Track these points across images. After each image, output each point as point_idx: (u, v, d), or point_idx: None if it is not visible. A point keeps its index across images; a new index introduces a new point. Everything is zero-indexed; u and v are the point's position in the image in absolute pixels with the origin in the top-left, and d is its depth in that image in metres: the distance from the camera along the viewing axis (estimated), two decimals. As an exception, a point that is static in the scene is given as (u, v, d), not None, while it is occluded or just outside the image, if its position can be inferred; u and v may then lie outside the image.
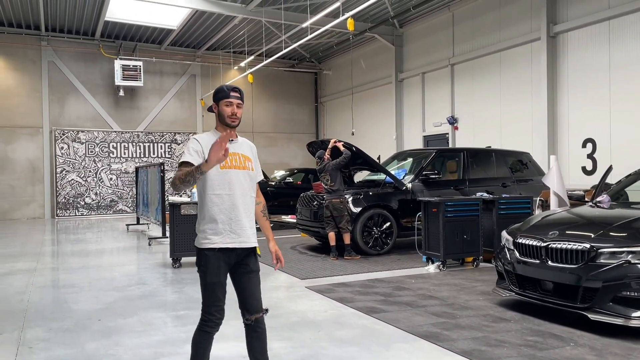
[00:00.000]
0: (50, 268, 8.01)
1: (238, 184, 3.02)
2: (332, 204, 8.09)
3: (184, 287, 6.41)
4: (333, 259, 8.10)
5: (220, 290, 3.01)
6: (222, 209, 2.98)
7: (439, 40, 15.23)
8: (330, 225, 8.17)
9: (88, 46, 18.05)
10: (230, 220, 2.98)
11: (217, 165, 2.87)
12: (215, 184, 2.98)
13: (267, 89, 21.09)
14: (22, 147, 17.22)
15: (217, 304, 3.01)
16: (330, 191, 8.15)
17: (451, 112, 14.71)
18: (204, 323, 3.03)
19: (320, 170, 8.32)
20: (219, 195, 2.98)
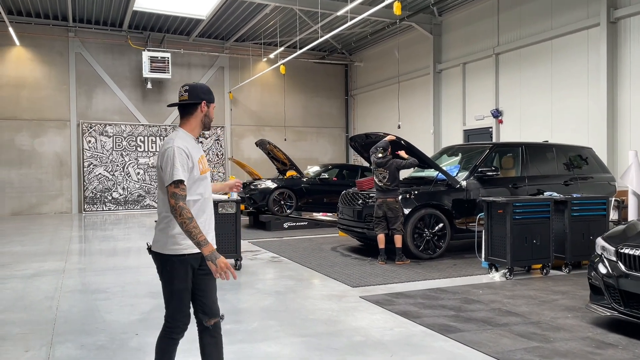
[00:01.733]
0: (80, 269, 7.52)
1: (209, 188, 3.01)
2: (387, 203, 7.40)
3: (225, 295, 5.81)
4: (381, 264, 7.43)
5: (187, 296, 2.91)
6: (197, 213, 2.87)
7: (482, 29, 14.36)
8: (380, 227, 7.49)
9: (115, 37, 17.65)
10: (200, 224, 2.84)
11: (198, 170, 2.87)
12: (193, 189, 2.85)
13: (295, 81, 20.45)
14: (49, 141, 16.92)
15: (184, 310, 2.92)
16: (386, 189, 7.45)
17: (495, 104, 13.85)
18: (171, 330, 2.94)
19: (379, 164, 7.54)
20: (195, 200, 2.87)
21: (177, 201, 2.71)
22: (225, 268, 2.72)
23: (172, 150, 2.78)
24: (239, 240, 7.27)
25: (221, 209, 7.22)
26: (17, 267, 7.65)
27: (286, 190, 12.07)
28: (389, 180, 7.45)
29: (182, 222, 2.69)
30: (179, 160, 2.76)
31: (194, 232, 2.69)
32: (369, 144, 8.69)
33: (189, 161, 2.81)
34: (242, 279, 6.69)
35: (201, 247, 2.71)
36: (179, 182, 2.74)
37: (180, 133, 2.92)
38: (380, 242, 7.49)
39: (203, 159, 2.97)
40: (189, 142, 2.88)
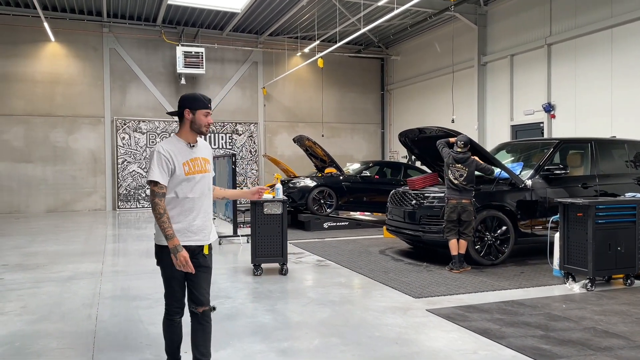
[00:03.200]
0: (117, 271, 7.13)
1: (199, 187, 3.24)
2: (463, 205, 6.77)
3: (275, 305, 5.30)
4: (455, 272, 6.77)
5: (176, 283, 3.28)
6: (182, 211, 3.19)
7: (532, 18, 13.52)
8: (453, 231, 6.86)
9: (149, 33, 17.38)
10: (188, 221, 3.20)
11: (183, 171, 3.18)
12: (178, 189, 3.19)
13: (329, 76, 19.87)
14: (83, 137, 16.77)
15: (175, 295, 3.30)
16: (462, 189, 6.81)
17: (547, 98, 13.01)
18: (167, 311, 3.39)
19: (459, 160, 6.89)
20: (181, 199, 3.19)
21: (154, 197, 3.12)
22: (183, 262, 3.09)
23: (153, 153, 3.17)
24: (285, 243, 6.76)
25: (266, 209, 6.72)
26: (52, 269, 7.31)
27: (326, 188, 11.53)
28: (466, 179, 6.80)
29: (155, 215, 3.10)
30: (156, 163, 3.13)
31: (163, 226, 3.08)
32: (422, 139, 8.09)
33: (169, 163, 3.14)
34: (290, 285, 6.17)
35: (167, 239, 3.08)
36: (154, 182, 3.11)
37: (171, 138, 3.28)
38: (454, 248, 6.84)
39: (195, 161, 3.23)
40: (176, 147, 3.21)
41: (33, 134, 16.17)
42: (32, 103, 16.16)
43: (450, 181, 6.87)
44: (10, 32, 15.81)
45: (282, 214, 6.74)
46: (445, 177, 6.97)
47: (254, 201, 6.75)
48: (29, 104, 16.13)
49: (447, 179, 6.92)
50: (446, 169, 6.96)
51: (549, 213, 7.32)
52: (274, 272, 6.94)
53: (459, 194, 6.78)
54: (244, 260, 7.94)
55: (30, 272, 7.14)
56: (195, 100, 3.29)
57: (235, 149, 18.52)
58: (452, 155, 6.95)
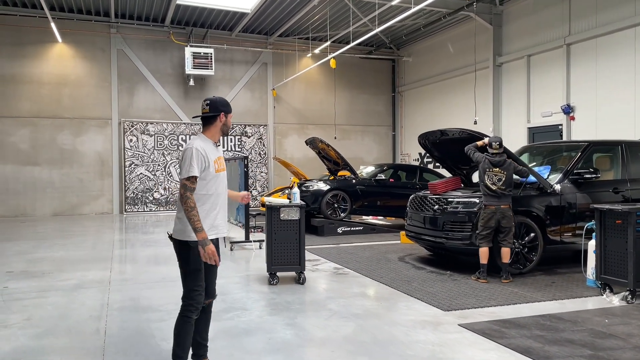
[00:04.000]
0: (126, 279, 6.82)
1: (223, 184, 3.53)
2: (502, 211, 6.40)
3: (295, 318, 4.96)
4: (483, 281, 6.41)
5: (201, 276, 3.38)
6: (210, 207, 3.41)
7: (549, 17, 13.16)
8: (488, 239, 6.49)
9: (158, 33, 17.13)
10: (213, 215, 3.44)
11: (214, 168, 3.43)
12: (209, 185, 3.41)
13: (340, 78, 19.55)
14: (90, 140, 16.53)
15: (199, 288, 3.38)
16: (501, 194, 6.43)
17: (566, 99, 12.62)
18: (187, 308, 3.38)
19: (496, 164, 6.51)
20: (210, 195, 3.41)
21: (186, 192, 3.29)
22: (210, 255, 3.28)
23: (192, 150, 3.35)
24: (302, 251, 6.43)
25: (283, 215, 6.39)
26: (59, 277, 7.02)
27: (340, 192, 11.19)
28: (505, 183, 6.43)
29: (186, 208, 3.26)
30: (195, 160, 3.32)
31: (193, 219, 3.25)
32: (443, 141, 7.75)
33: (205, 161, 3.36)
34: (309, 296, 5.83)
35: (196, 232, 3.25)
36: (192, 178, 3.31)
37: (200, 137, 3.50)
38: (485, 256, 6.46)
39: (220, 160, 3.51)
40: (207, 145, 3.45)
41: (39, 136, 15.93)
42: (39, 105, 15.93)
43: (487, 187, 6.48)
44: (16, 32, 15.60)
45: (299, 220, 6.42)
46: (481, 183, 6.59)
47: (270, 206, 6.43)
48: (36, 106, 15.90)
49: (483, 185, 6.53)
50: (482, 174, 6.58)
51: (578, 219, 6.97)
52: (290, 281, 6.61)
53: (497, 200, 6.41)
54: (257, 267, 7.62)
55: (36, 280, 6.84)
56: (229, 105, 3.57)
57: (244, 152, 18.22)
58: (488, 159, 6.57)
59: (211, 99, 3.53)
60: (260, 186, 18.54)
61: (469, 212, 6.78)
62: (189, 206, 3.23)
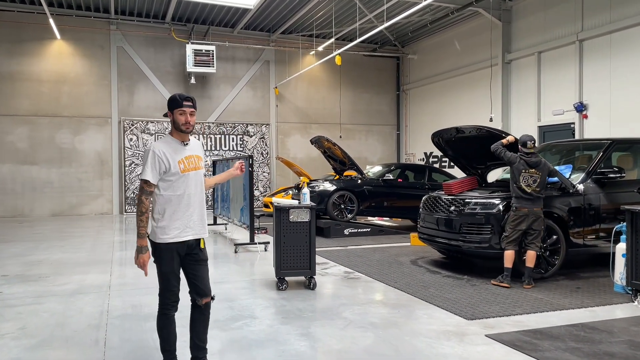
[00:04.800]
0: (126, 284, 6.48)
1: (194, 184, 3.43)
2: (535, 213, 6.07)
3: (309, 327, 4.63)
4: (505, 286, 6.05)
5: (173, 278, 3.42)
6: (180, 207, 3.37)
7: (561, 13, 12.82)
8: (515, 242, 6.15)
9: (158, 30, 16.79)
10: (187, 216, 3.39)
11: (178, 169, 3.36)
12: (175, 185, 3.36)
13: (343, 76, 19.22)
14: (90, 138, 16.19)
15: (172, 289, 3.42)
16: (535, 197, 6.09)
17: (579, 97, 12.29)
18: (162, 306, 3.46)
19: (533, 164, 6.14)
20: (179, 195, 3.37)
21: (141, 195, 3.29)
22: (141, 264, 3.34)
23: (148, 153, 3.31)
24: (313, 255, 6.09)
25: (292, 217, 6.05)
26: (56, 281, 6.68)
27: (347, 192, 10.85)
28: (540, 185, 6.09)
29: (137, 211, 3.26)
30: (149, 163, 3.28)
31: (139, 224, 3.28)
32: (458, 139, 7.41)
33: (164, 163, 3.29)
34: (321, 303, 5.49)
35: (138, 237, 3.29)
36: (145, 181, 3.29)
37: (166, 137, 3.44)
38: (510, 260, 6.12)
39: (189, 159, 3.39)
40: (170, 146, 3.38)
41: (38, 135, 15.60)
42: (37, 103, 15.59)
43: (521, 189, 6.11)
44: (14, 29, 15.26)
45: (309, 222, 6.08)
46: (513, 185, 6.22)
47: (278, 207, 6.09)
48: (34, 104, 15.56)
49: (516, 187, 6.16)
50: (516, 175, 6.21)
51: (601, 221, 6.64)
52: (299, 286, 6.27)
53: (531, 203, 6.06)
54: (263, 271, 7.28)
55: (32, 284, 6.50)
56: (171, 101, 3.39)
57: (246, 151, 17.88)
58: (524, 160, 6.21)
59: None
60: (262, 186, 18.20)
61: (488, 214, 6.44)
62: (140, 210, 3.25)
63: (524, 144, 6.29)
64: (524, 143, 6.30)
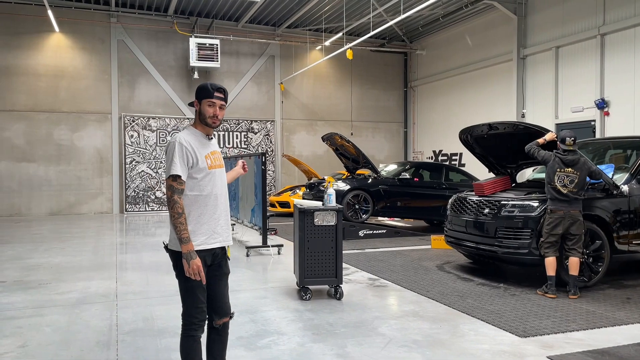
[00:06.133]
0: (135, 292, 5.97)
1: (220, 183, 3.06)
2: (572, 215, 5.58)
3: (345, 346, 4.13)
4: (551, 296, 5.55)
5: (201, 292, 2.95)
6: (207, 210, 2.97)
7: (581, 6, 12.35)
8: (554, 248, 5.67)
9: (160, 23, 16.24)
10: (214, 220, 2.99)
11: (206, 165, 2.96)
12: (202, 184, 2.96)
13: (349, 72, 18.71)
14: (89, 135, 15.64)
15: (199, 306, 2.95)
16: (572, 199, 5.61)
17: (600, 94, 11.84)
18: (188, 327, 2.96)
19: (569, 163, 5.65)
20: (204, 196, 2.97)
21: (173, 194, 2.84)
22: (196, 271, 2.84)
23: (174, 145, 2.90)
24: (340, 261, 5.60)
25: (317, 220, 5.55)
26: (58, 288, 6.16)
27: (361, 192, 10.36)
28: (577, 185, 5.59)
29: (172, 214, 2.83)
30: (178, 155, 2.87)
31: (179, 227, 2.83)
32: (490, 137, 6.92)
33: (192, 156, 2.90)
34: (353, 315, 4.99)
35: (181, 243, 2.83)
36: (176, 177, 2.85)
37: (189, 129, 3.05)
38: (552, 267, 5.62)
39: (214, 155, 3.04)
40: (195, 138, 2.99)
41: (35, 131, 15.04)
42: (35, 98, 15.03)
43: (556, 190, 5.64)
44: (11, 21, 14.70)
45: (336, 225, 5.58)
46: (548, 185, 5.75)
47: (302, 210, 5.59)
48: (31, 99, 15.00)
49: (551, 187, 5.69)
50: (550, 174, 5.73)
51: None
52: (323, 295, 5.78)
53: (567, 205, 5.58)
54: (280, 277, 6.78)
55: (32, 292, 5.99)
56: (201, 89, 3.02)
57: (250, 149, 17.37)
58: (559, 158, 5.72)
59: None
60: (267, 185, 17.66)
61: (527, 217, 5.96)
62: (175, 212, 2.82)
63: (562, 140, 5.81)
64: (562, 139, 5.82)
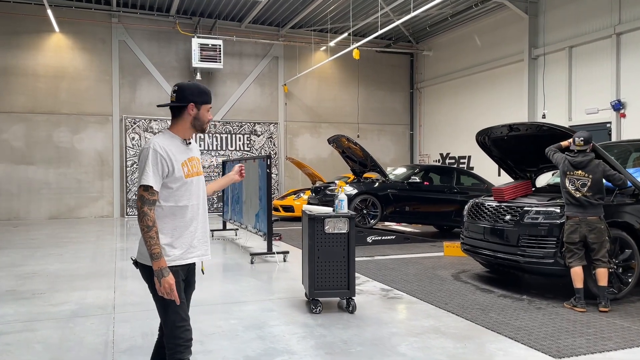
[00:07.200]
0: (134, 304, 5.60)
1: (197, 193, 2.80)
2: (589, 223, 5.20)
3: (363, 368, 3.76)
4: (580, 310, 5.16)
5: (183, 309, 2.69)
6: (183, 223, 2.72)
7: (595, 5, 11.99)
8: (577, 256, 5.27)
9: (162, 23, 15.93)
10: (190, 233, 2.75)
11: (183, 173, 2.71)
12: (177, 195, 2.71)
13: (354, 73, 18.37)
14: (89, 137, 15.31)
15: (184, 324, 2.67)
16: (586, 203, 5.24)
17: (616, 95, 11.46)
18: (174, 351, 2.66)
19: (578, 165, 5.30)
20: (180, 207, 2.72)
21: (143, 205, 2.59)
22: (168, 290, 2.57)
23: (148, 151, 2.64)
24: (352, 272, 5.23)
25: (328, 227, 5.19)
26: (52, 299, 5.81)
27: (370, 196, 9.99)
28: (591, 189, 5.22)
29: (142, 228, 2.59)
30: (151, 164, 2.62)
31: (149, 242, 2.58)
32: (510, 139, 6.55)
33: (167, 164, 2.65)
34: (368, 332, 4.62)
35: (152, 259, 2.58)
36: (148, 187, 2.60)
37: (165, 133, 2.77)
38: (578, 278, 5.25)
39: (192, 162, 2.78)
40: (172, 144, 2.72)
41: (35, 133, 14.72)
42: (34, 99, 14.71)
43: (569, 194, 5.29)
44: (10, 21, 14.39)
45: (348, 233, 5.22)
46: (563, 190, 5.40)
47: (312, 216, 5.23)
48: (31, 101, 14.68)
49: (565, 192, 5.34)
50: (562, 178, 5.39)
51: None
52: (334, 307, 5.41)
53: (582, 210, 5.21)
54: (287, 287, 6.41)
55: (25, 303, 5.63)
56: (202, 94, 2.77)
57: (253, 151, 17.02)
58: (567, 160, 5.37)
59: (180, 84, 2.77)
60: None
61: (552, 224, 5.58)
62: (146, 225, 2.57)
63: (572, 141, 5.46)
64: (572, 140, 5.46)
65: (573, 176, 5.29)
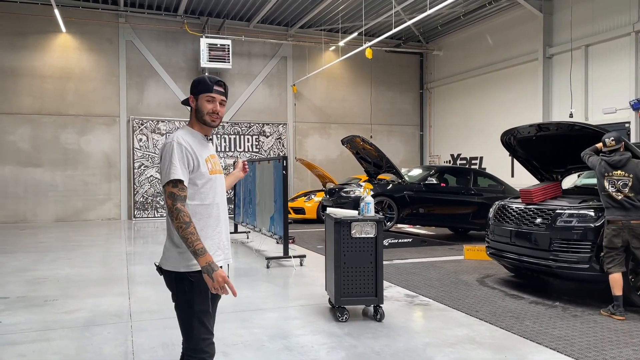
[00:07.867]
0: (151, 311, 5.39)
1: (221, 191, 2.66)
2: (632, 227, 4.95)
3: (402, 382, 3.53)
4: (619, 318, 4.91)
5: (209, 320, 2.51)
6: (210, 222, 2.55)
7: (613, 2, 11.75)
8: (617, 262, 5.04)
9: (170, 23, 15.74)
10: (217, 233, 2.58)
11: (207, 170, 2.55)
12: (203, 192, 2.54)
13: (364, 73, 18.14)
14: (97, 139, 15.13)
15: (209, 337, 2.50)
16: (629, 205, 4.97)
17: (635, 94, 11.21)
18: None
19: (616, 165, 5.05)
20: (206, 206, 2.55)
21: (175, 202, 2.39)
22: (222, 283, 2.36)
23: (172, 145, 2.47)
24: (380, 278, 5.00)
25: (355, 231, 4.96)
26: (65, 306, 5.60)
27: (386, 198, 9.76)
28: (633, 190, 4.98)
29: (179, 226, 2.37)
30: (177, 157, 2.43)
31: (190, 239, 2.36)
32: (540, 138, 6.32)
33: (193, 159, 2.48)
34: (400, 342, 4.39)
35: (197, 256, 2.37)
36: (177, 182, 2.40)
37: (186, 129, 2.64)
38: (618, 285, 4.99)
39: (213, 159, 2.64)
40: (194, 139, 2.58)
41: (41, 135, 14.54)
42: (41, 100, 14.54)
43: (610, 196, 5.05)
44: (17, 21, 14.22)
45: (376, 238, 4.99)
46: (601, 193, 5.16)
47: (338, 220, 5.00)
48: (37, 102, 14.51)
49: (605, 195, 5.10)
50: (601, 180, 5.15)
51: None
52: (359, 315, 5.19)
53: (624, 212, 4.97)
54: (308, 293, 6.19)
55: (37, 310, 5.43)
56: (199, 83, 2.61)
57: (262, 152, 16.81)
58: (604, 161, 5.13)
59: None
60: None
61: (586, 228, 5.35)
62: (182, 222, 2.36)
63: (603, 142, 5.23)
64: (603, 142, 5.23)
65: (612, 177, 5.05)
